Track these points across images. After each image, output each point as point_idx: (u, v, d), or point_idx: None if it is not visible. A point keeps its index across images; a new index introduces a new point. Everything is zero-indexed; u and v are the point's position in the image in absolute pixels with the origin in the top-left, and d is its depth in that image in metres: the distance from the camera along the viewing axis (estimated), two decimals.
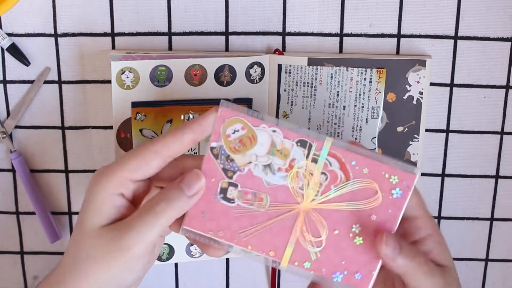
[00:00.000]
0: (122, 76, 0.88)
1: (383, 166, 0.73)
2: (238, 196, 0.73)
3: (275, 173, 0.73)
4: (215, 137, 0.72)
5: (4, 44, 0.93)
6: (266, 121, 0.72)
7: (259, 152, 0.72)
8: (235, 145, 0.72)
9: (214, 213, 0.73)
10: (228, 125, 0.72)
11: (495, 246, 1.02)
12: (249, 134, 0.72)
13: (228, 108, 0.72)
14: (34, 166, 0.98)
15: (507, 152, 0.98)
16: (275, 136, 0.72)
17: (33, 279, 1.02)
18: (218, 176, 0.73)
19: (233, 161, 0.72)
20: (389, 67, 0.92)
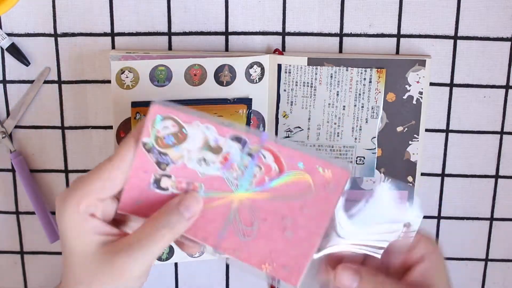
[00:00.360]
0: (122, 76, 0.88)
1: (317, 161, 0.73)
2: (172, 185, 0.74)
3: (209, 165, 0.73)
4: (146, 133, 0.72)
5: (4, 44, 0.93)
6: (199, 117, 0.73)
7: (191, 147, 0.73)
8: (166, 141, 0.73)
9: (148, 200, 0.74)
10: (159, 122, 0.72)
11: (495, 246, 1.02)
12: (180, 130, 0.73)
13: (159, 105, 0.72)
14: (34, 166, 0.98)
15: (507, 152, 0.98)
16: (208, 132, 0.73)
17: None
18: (151, 169, 0.73)
19: (166, 155, 0.73)
20: (389, 67, 0.93)
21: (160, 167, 0.73)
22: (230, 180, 0.74)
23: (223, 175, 0.74)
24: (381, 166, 0.96)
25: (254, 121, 0.93)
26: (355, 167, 0.95)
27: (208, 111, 0.91)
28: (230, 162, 0.73)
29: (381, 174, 0.96)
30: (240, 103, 0.92)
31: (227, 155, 0.73)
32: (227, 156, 0.73)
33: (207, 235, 0.75)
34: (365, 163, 0.95)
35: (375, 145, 0.95)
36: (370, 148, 0.95)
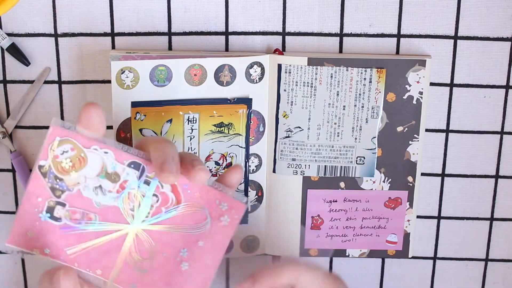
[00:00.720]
0: (122, 76, 0.88)
1: (214, 192, 0.73)
2: (65, 215, 0.72)
3: (105, 194, 0.72)
4: (44, 156, 0.70)
5: (4, 44, 0.93)
6: (98, 142, 0.71)
7: (88, 174, 0.71)
8: (64, 166, 0.70)
9: (40, 231, 0.72)
10: (58, 145, 0.70)
11: (495, 246, 1.02)
12: (79, 155, 0.70)
13: (58, 127, 0.70)
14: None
15: (507, 152, 0.98)
16: (106, 158, 0.71)
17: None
18: (45, 195, 0.71)
19: (62, 181, 0.71)
20: (389, 67, 0.92)
21: (54, 193, 0.71)
22: (126, 211, 0.73)
23: (119, 205, 0.72)
24: (381, 166, 0.96)
25: (254, 121, 0.94)
26: (355, 167, 0.96)
27: (208, 111, 0.91)
28: (126, 191, 0.72)
29: (381, 174, 0.96)
30: (240, 103, 0.92)
31: (124, 183, 0.72)
32: (124, 184, 0.72)
33: (103, 268, 0.74)
34: (365, 163, 0.95)
35: (375, 145, 0.95)
36: (370, 148, 0.95)
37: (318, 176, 0.96)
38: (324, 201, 0.97)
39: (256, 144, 0.95)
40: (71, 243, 0.72)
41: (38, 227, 0.72)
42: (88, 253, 0.73)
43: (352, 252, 1.00)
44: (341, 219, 0.98)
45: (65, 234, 0.72)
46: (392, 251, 1.00)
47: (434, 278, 1.03)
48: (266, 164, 0.96)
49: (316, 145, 0.95)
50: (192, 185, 0.73)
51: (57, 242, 0.72)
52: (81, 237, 0.73)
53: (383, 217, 0.98)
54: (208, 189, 0.73)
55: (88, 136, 0.70)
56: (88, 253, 0.73)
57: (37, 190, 0.71)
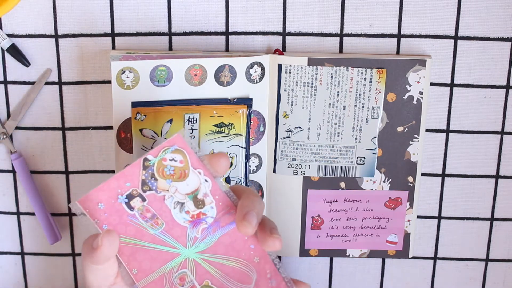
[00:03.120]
0: (122, 76, 0.88)
1: (271, 265, 0.76)
2: (139, 208, 0.75)
3: (182, 212, 0.76)
4: (154, 153, 0.75)
5: (4, 45, 0.93)
6: (206, 168, 0.75)
7: (181, 189, 0.75)
8: (166, 171, 0.75)
9: (110, 209, 0.75)
10: (172, 152, 0.75)
11: (495, 246, 1.02)
12: (184, 169, 0.75)
13: (181, 138, 0.75)
14: (34, 167, 0.98)
15: (507, 152, 0.98)
16: (203, 185, 0.75)
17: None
18: (134, 183, 0.75)
19: (156, 181, 0.75)
20: (389, 67, 0.93)
21: (143, 187, 0.75)
22: (190, 237, 0.76)
23: (188, 229, 0.76)
24: (381, 166, 0.96)
25: (254, 121, 0.94)
26: (355, 167, 0.96)
27: (209, 111, 0.91)
28: (200, 221, 0.76)
29: (381, 174, 0.96)
30: (241, 103, 0.92)
31: (202, 215, 0.76)
32: (201, 215, 0.76)
33: (139, 270, 0.76)
34: (365, 163, 0.95)
35: (376, 145, 0.95)
36: (371, 148, 0.95)
37: (318, 176, 0.96)
38: (324, 201, 0.97)
39: (257, 144, 0.95)
40: (128, 233, 0.76)
41: (111, 204, 0.75)
42: (136, 250, 0.76)
43: (352, 252, 1.00)
44: (341, 219, 0.98)
45: (129, 222, 0.75)
46: (392, 251, 1.00)
47: (434, 278, 1.03)
48: (266, 164, 0.96)
49: (317, 145, 0.95)
50: (257, 248, 0.76)
51: (117, 225, 0.75)
52: (140, 233, 0.76)
53: (383, 217, 0.98)
54: (267, 260, 0.77)
55: (199, 159, 0.75)
56: (136, 250, 0.76)
57: (131, 176, 0.75)
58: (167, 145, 0.75)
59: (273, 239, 0.74)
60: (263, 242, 0.75)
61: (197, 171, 0.75)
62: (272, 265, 0.76)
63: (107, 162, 0.98)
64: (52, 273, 1.02)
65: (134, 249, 0.76)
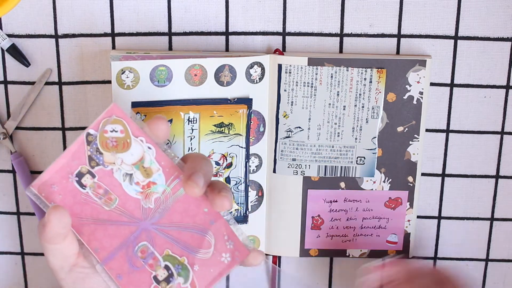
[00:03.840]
0: (122, 76, 0.88)
1: (227, 227, 0.76)
2: (91, 185, 0.75)
3: (132, 184, 0.75)
4: (95, 126, 0.74)
5: (4, 45, 0.93)
6: (147, 136, 0.74)
7: (126, 159, 0.75)
8: (108, 143, 0.74)
9: (63, 189, 0.75)
10: (110, 122, 0.74)
11: (495, 246, 1.02)
12: (125, 139, 0.74)
13: (118, 108, 0.74)
14: (34, 167, 0.98)
15: (507, 152, 0.98)
16: (148, 152, 0.74)
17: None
18: (82, 160, 0.75)
19: (102, 155, 0.75)
20: (389, 67, 0.93)
21: (90, 163, 0.75)
22: (144, 209, 0.75)
23: (141, 201, 0.75)
24: (381, 166, 0.96)
25: (254, 121, 0.94)
26: (355, 167, 0.96)
27: (209, 111, 0.91)
28: (150, 191, 0.75)
29: (381, 174, 0.96)
30: (241, 103, 0.92)
31: (152, 184, 0.75)
32: (151, 184, 0.75)
33: (100, 248, 0.76)
34: (365, 163, 0.95)
35: (376, 145, 0.95)
36: (371, 148, 0.95)
37: (318, 176, 0.96)
38: (324, 201, 0.97)
39: (257, 144, 0.95)
40: (85, 213, 0.75)
41: (64, 185, 0.75)
42: (95, 229, 0.76)
43: (352, 252, 1.00)
44: (341, 219, 0.98)
45: (83, 201, 0.75)
46: (392, 251, 1.00)
47: None
48: (266, 164, 0.96)
49: (317, 145, 0.95)
50: (211, 211, 0.75)
51: (73, 206, 0.75)
52: (96, 211, 0.75)
53: (383, 217, 0.98)
54: (223, 222, 0.75)
55: (140, 127, 0.74)
56: (94, 228, 0.75)
57: (77, 153, 0.75)
58: (105, 117, 0.74)
59: (221, 198, 0.72)
60: (213, 202, 0.73)
61: (139, 139, 0.74)
62: (227, 227, 0.75)
63: None
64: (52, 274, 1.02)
65: (92, 228, 0.75)
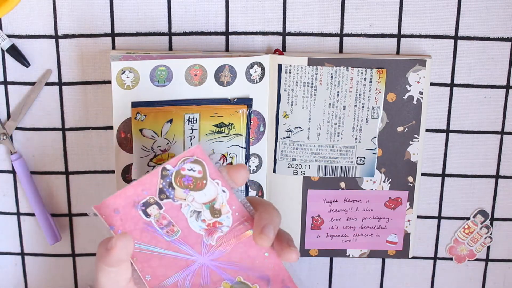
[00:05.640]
0: (122, 76, 0.88)
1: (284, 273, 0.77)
2: (156, 215, 0.76)
3: (198, 221, 0.76)
4: (173, 163, 0.75)
5: (4, 46, 0.93)
6: (223, 179, 0.76)
7: (198, 198, 0.76)
8: (184, 180, 0.76)
9: (127, 216, 0.75)
10: (190, 162, 0.75)
11: (495, 246, 1.02)
12: (202, 180, 0.76)
13: (201, 149, 0.76)
14: (34, 168, 0.98)
15: (507, 152, 0.98)
16: (221, 195, 0.76)
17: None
18: (152, 191, 0.75)
19: (174, 190, 0.76)
20: (389, 67, 0.93)
21: (160, 195, 0.75)
22: (205, 245, 0.77)
23: (203, 237, 0.76)
24: (381, 166, 0.96)
25: (254, 121, 0.94)
26: (355, 167, 0.96)
27: (209, 111, 0.91)
28: (216, 229, 0.77)
29: (381, 174, 0.96)
30: (241, 103, 0.92)
31: (218, 224, 0.76)
32: (216, 224, 0.76)
33: (152, 277, 0.76)
34: (365, 163, 0.95)
35: (376, 145, 0.95)
36: (371, 148, 0.95)
37: (318, 176, 0.96)
38: (324, 201, 0.97)
39: (257, 144, 0.95)
40: (143, 239, 0.76)
41: (127, 211, 0.75)
42: (150, 257, 0.76)
43: (352, 252, 1.00)
44: (341, 219, 0.98)
45: (144, 228, 0.76)
46: (392, 251, 1.00)
47: (434, 278, 1.03)
48: (266, 164, 0.96)
49: (317, 145, 0.95)
50: (271, 255, 0.77)
51: (133, 231, 0.75)
52: (155, 240, 0.76)
53: (383, 217, 0.98)
54: (282, 268, 0.77)
55: (217, 170, 0.76)
56: (150, 256, 0.76)
57: (149, 184, 0.75)
58: (186, 155, 0.75)
59: (290, 252, 0.75)
60: (281, 253, 0.76)
61: (215, 182, 0.76)
62: (286, 272, 0.77)
63: (107, 162, 0.98)
64: (52, 274, 1.02)
65: (148, 256, 0.76)
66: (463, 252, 1.01)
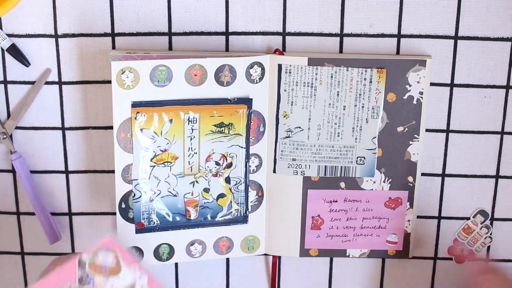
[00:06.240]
0: (122, 76, 0.88)
1: None
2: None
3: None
4: (88, 253, 0.77)
5: (4, 45, 0.93)
6: (140, 265, 0.78)
7: (116, 284, 0.77)
8: (99, 268, 0.77)
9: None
10: (103, 253, 0.77)
11: (495, 246, 1.02)
12: (116, 267, 0.78)
13: (114, 241, 0.78)
14: (34, 167, 0.98)
15: (507, 152, 0.98)
16: (139, 281, 0.78)
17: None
18: (71, 279, 0.77)
19: (93, 278, 0.77)
20: (389, 67, 0.93)
21: (80, 282, 0.77)
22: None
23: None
24: (381, 166, 0.96)
25: (254, 121, 0.94)
26: (355, 167, 0.96)
27: (209, 111, 0.91)
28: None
29: (381, 174, 0.96)
30: (241, 103, 0.92)
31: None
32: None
33: None
34: (365, 163, 0.95)
35: (376, 145, 0.95)
36: (371, 148, 0.95)
37: (318, 176, 0.96)
38: (324, 201, 0.97)
39: (257, 144, 0.95)
40: None
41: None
42: None
43: (352, 252, 1.00)
44: (341, 219, 0.98)
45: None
46: (392, 251, 1.00)
47: (434, 278, 1.03)
48: (266, 164, 0.96)
49: (317, 145, 0.95)
50: None
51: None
52: None
53: (383, 217, 0.98)
54: None
55: (134, 256, 0.80)
56: None
57: (68, 274, 0.77)
58: (100, 247, 0.77)
59: None
60: None
61: (133, 268, 0.78)
62: None
63: (107, 162, 0.98)
64: None
65: None
66: (463, 252, 1.01)
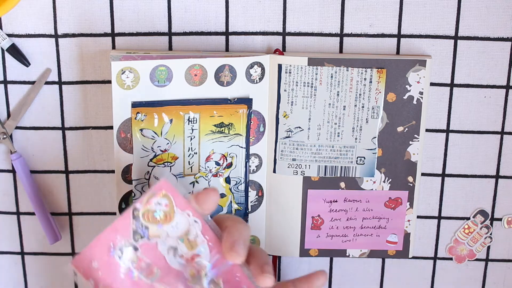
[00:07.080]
0: (122, 76, 0.88)
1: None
2: (133, 259, 0.75)
3: (175, 257, 0.75)
4: (142, 200, 0.75)
5: (4, 45, 0.93)
6: (194, 209, 0.75)
7: (171, 232, 0.75)
8: (154, 216, 0.75)
9: (104, 265, 0.75)
10: (157, 197, 0.75)
11: (495, 246, 1.02)
12: (169, 212, 0.75)
13: (167, 183, 0.75)
14: (34, 167, 0.98)
15: (507, 152, 0.98)
16: (193, 226, 0.75)
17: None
18: (126, 234, 0.75)
19: (147, 229, 0.75)
20: (389, 67, 0.93)
21: (134, 236, 0.75)
22: (186, 279, 0.76)
23: (184, 273, 0.76)
24: (381, 166, 0.96)
25: (254, 121, 0.94)
26: (355, 167, 0.96)
27: (209, 111, 0.91)
28: (195, 263, 0.76)
29: (381, 174, 0.96)
30: (241, 103, 0.92)
31: (196, 256, 0.76)
32: (195, 257, 0.76)
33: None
34: (365, 163, 0.95)
35: (376, 145, 0.95)
36: (371, 148, 0.95)
37: (318, 176, 0.96)
38: (324, 201, 0.97)
39: (257, 144, 0.95)
40: (125, 286, 0.75)
41: (105, 261, 0.75)
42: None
43: (352, 252, 1.00)
44: (341, 219, 0.98)
45: (124, 276, 0.75)
46: (392, 251, 1.00)
47: (434, 278, 1.03)
48: (266, 164, 0.96)
49: (317, 145, 0.95)
50: (242, 276, 0.76)
51: (114, 282, 0.75)
52: (136, 285, 0.75)
53: (383, 217, 0.98)
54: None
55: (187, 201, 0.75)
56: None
57: (122, 228, 0.75)
58: (153, 191, 0.75)
59: (263, 278, 0.75)
60: (255, 278, 0.75)
61: (186, 213, 0.75)
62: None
63: (107, 162, 0.98)
64: (52, 273, 1.02)
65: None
66: (463, 252, 1.01)
